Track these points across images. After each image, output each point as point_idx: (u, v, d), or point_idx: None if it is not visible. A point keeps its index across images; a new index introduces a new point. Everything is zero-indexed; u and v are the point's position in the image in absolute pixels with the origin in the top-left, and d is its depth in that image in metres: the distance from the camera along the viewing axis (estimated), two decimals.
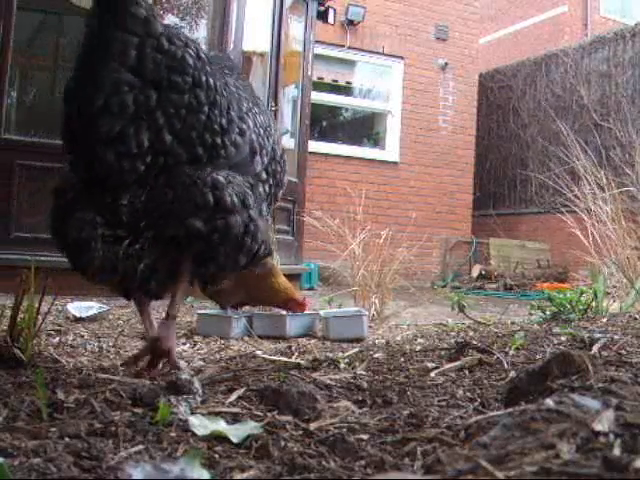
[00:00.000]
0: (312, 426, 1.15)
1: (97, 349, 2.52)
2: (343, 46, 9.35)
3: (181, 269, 1.31)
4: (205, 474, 0.83)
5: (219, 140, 1.24)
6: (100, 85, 1.08)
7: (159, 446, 1.02)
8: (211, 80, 1.24)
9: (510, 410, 1.00)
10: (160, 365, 1.55)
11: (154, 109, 1.15)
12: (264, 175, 1.41)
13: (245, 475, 0.91)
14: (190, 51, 1.27)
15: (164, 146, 1.16)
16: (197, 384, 1.34)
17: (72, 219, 1.19)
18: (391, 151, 9.76)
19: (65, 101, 1.14)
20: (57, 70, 7.27)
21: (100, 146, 1.11)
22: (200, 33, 6.64)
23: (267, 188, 1.41)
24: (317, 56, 7.79)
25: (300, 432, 1.12)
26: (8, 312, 1.86)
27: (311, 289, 7.08)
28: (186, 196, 1.18)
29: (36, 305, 1.86)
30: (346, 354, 2.07)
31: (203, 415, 1.17)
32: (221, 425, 1.11)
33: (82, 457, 0.94)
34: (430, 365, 1.77)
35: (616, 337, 1.96)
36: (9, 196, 4.91)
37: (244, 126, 1.32)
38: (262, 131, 1.40)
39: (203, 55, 1.28)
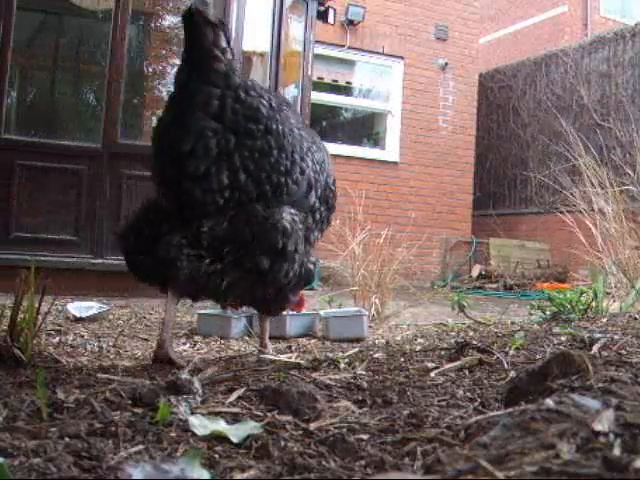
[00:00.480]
0: (312, 426, 1.15)
1: (97, 349, 2.52)
2: (343, 46, 9.35)
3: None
4: (205, 474, 0.83)
5: (283, 180, 1.46)
6: (188, 131, 1.27)
7: (159, 446, 1.02)
8: (280, 127, 1.47)
9: (510, 410, 1.00)
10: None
11: (232, 152, 1.35)
12: (317, 204, 1.65)
13: (245, 475, 0.91)
14: (264, 101, 1.46)
15: (239, 184, 1.38)
16: (197, 384, 1.34)
17: (162, 241, 1.37)
18: (391, 151, 9.76)
19: (157, 141, 1.33)
20: (57, 70, 7.27)
21: (187, 182, 1.32)
22: None
23: (319, 215, 1.66)
24: (317, 56, 7.78)
25: (300, 432, 1.12)
26: (8, 312, 1.86)
27: (311, 289, 7.07)
28: (264, 237, 1.39)
29: (36, 305, 1.86)
30: (346, 354, 2.07)
31: (203, 415, 1.17)
32: (221, 425, 1.11)
33: (82, 457, 0.94)
34: (430, 365, 1.77)
35: (616, 337, 1.96)
36: (9, 196, 4.91)
37: (304, 165, 1.54)
38: (318, 167, 1.64)
39: (274, 104, 1.44)
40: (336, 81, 9.78)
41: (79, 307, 3.45)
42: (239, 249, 1.38)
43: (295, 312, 3.19)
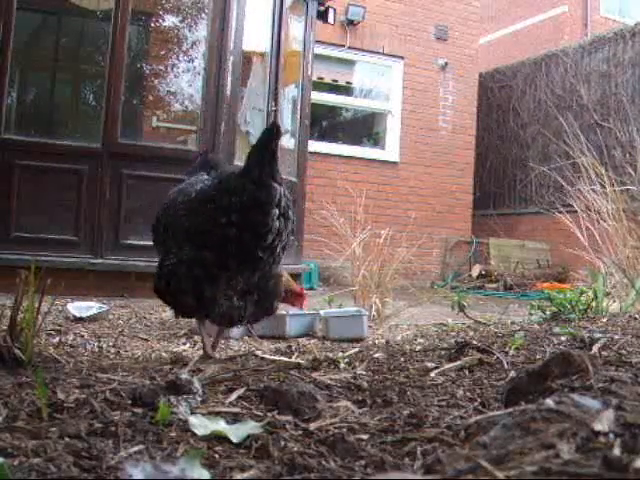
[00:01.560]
0: (312, 426, 1.15)
1: (97, 349, 2.52)
2: (343, 46, 9.34)
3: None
4: (205, 474, 0.83)
5: (284, 250, 1.96)
6: (270, 217, 1.78)
7: (159, 446, 1.02)
8: (290, 212, 1.90)
9: (510, 410, 1.00)
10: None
11: (284, 230, 1.84)
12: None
13: (245, 475, 0.91)
14: (290, 197, 1.92)
15: (278, 253, 1.91)
16: (197, 384, 1.34)
17: (207, 288, 1.88)
18: (391, 151, 9.76)
19: (236, 218, 1.78)
20: (57, 70, 7.27)
21: (261, 250, 1.81)
22: (200, 33, 6.65)
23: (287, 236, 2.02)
24: (317, 56, 7.78)
25: (300, 432, 1.12)
26: (8, 312, 1.86)
27: (311, 289, 7.08)
28: (275, 289, 2.01)
29: (36, 305, 1.86)
30: (346, 354, 2.07)
31: (203, 415, 1.17)
32: (221, 425, 1.11)
33: (82, 457, 0.94)
34: (430, 365, 1.77)
35: (616, 337, 1.96)
36: (9, 196, 4.91)
37: (294, 225, 1.97)
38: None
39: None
40: (336, 81, 9.77)
41: (79, 307, 3.45)
42: (261, 294, 1.94)
43: (297, 307, 3.20)
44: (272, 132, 1.71)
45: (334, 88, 9.75)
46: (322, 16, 7.35)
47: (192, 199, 1.87)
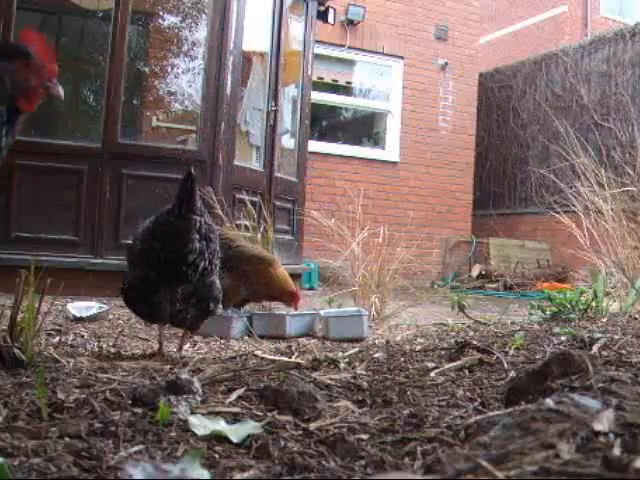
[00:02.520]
0: (312, 426, 1.15)
1: (97, 349, 2.52)
2: (343, 46, 9.34)
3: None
4: (205, 474, 0.83)
5: (215, 262, 2.37)
6: (189, 241, 2.21)
7: (159, 446, 1.02)
8: (212, 235, 2.33)
9: (510, 410, 1.00)
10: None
11: (205, 250, 2.26)
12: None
13: (245, 475, 0.91)
14: (212, 224, 2.38)
15: (204, 267, 2.29)
16: (197, 384, 1.34)
17: (153, 297, 2.32)
18: (391, 151, 9.76)
19: (161, 242, 2.22)
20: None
21: (185, 267, 2.23)
22: (200, 33, 6.65)
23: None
24: (317, 56, 7.78)
25: (300, 432, 1.12)
26: (8, 312, 1.86)
27: (311, 289, 7.08)
28: (211, 294, 2.40)
29: (36, 305, 1.86)
30: (346, 354, 2.07)
31: (203, 415, 1.17)
32: (221, 425, 1.11)
33: (82, 457, 0.94)
34: (430, 365, 1.77)
35: (616, 337, 1.96)
36: (9, 196, 4.90)
37: (217, 247, 2.40)
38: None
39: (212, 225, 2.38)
40: (336, 81, 9.77)
41: (79, 307, 3.45)
42: (198, 299, 2.35)
43: (292, 307, 3.20)
44: (187, 179, 2.18)
45: (334, 88, 9.75)
46: (322, 16, 7.35)
47: (142, 230, 2.39)
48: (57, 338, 2.69)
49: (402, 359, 1.95)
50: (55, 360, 1.96)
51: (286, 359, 2.02)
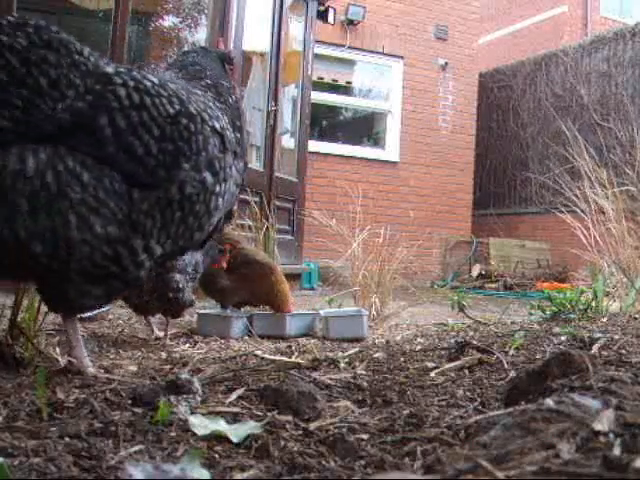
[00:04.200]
0: (312, 426, 1.15)
1: (97, 349, 2.52)
2: (343, 46, 9.34)
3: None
4: (205, 474, 0.83)
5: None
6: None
7: (159, 446, 1.02)
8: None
9: (510, 410, 1.00)
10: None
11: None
12: None
13: (245, 475, 0.91)
14: None
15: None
16: (197, 384, 1.34)
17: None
18: (391, 151, 9.76)
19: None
20: None
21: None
22: (200, 33, 6.65)
23: None
24: (317, 56, 7.78)
25: (300, 432, 1.12)
26: (8, 312, 1.86)
27: (311, 289, 7.08)
28: (166, 289, 2.63)
29: (36, 305, 1.86)
30: (346, 354, 2.07)
31: (203, 415, 1.17)
32: (221, 425, 1.11)
33: (82, 457, 0.94)
34: (430, 365, 1.77)
35: (616, 337, 1.96)
36: None
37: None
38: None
39: None
40: (336, 81, 9.78)
41: None
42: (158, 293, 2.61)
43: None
44: None
45: (334, 88, 9.75)
46: (322, 16, 7.36)
47: None
48: (57, 338, 2.69)
49: (402, 359, 1.95)
50: (55, 360, 1.96)
51: (286, 359, 2.02)
